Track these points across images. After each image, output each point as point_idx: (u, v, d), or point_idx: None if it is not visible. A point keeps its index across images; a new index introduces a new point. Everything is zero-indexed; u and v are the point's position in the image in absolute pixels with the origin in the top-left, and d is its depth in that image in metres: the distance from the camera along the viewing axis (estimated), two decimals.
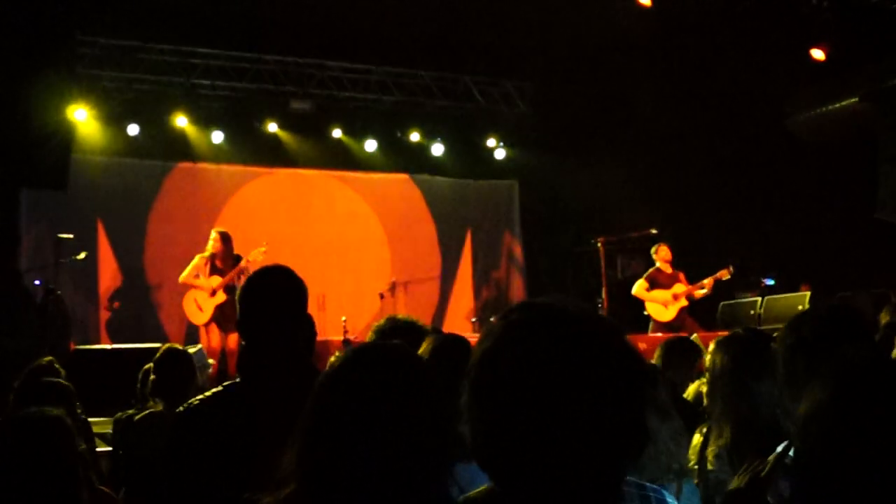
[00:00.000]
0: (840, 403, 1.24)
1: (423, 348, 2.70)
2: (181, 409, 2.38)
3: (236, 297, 2.51)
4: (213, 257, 9.35)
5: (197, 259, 9.39)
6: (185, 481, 2.26)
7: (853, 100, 9.72)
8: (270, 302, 2.44)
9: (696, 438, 3.08)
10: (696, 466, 2.95)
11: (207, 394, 2.39)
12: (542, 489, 1.15)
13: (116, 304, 11.48)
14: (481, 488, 1.60)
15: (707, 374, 3.17)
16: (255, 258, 9.23)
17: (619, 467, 1.20)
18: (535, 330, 1.19)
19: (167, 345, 4.62)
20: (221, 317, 9.18)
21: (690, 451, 2.97)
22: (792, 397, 2.60)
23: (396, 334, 3.47)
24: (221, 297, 9.15)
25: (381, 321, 3.50)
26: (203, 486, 2.20)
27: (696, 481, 2.87)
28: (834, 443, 1.22)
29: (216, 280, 9.24)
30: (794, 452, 1.33)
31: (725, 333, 3.20)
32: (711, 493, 2.82)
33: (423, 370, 1.54)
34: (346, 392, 1.46)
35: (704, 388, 4.23)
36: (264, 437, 1.88)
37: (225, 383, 2.44)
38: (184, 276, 9.37)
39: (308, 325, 2.47)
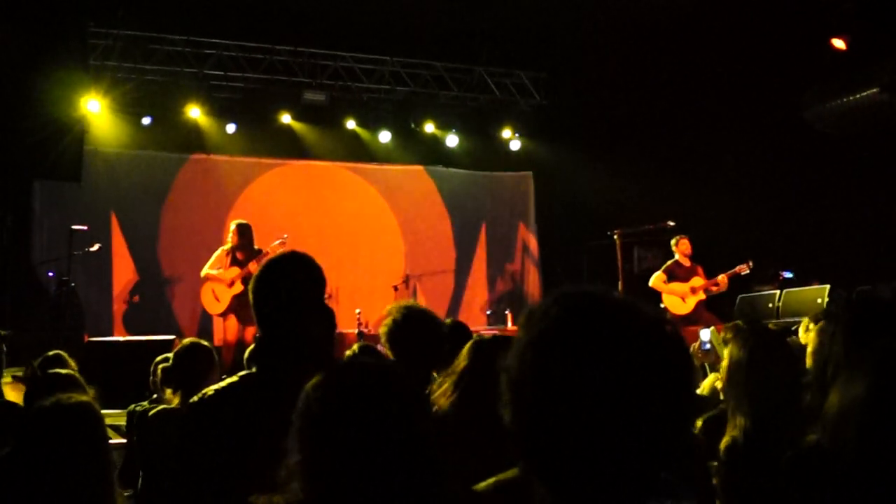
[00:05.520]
0: (880, 397, 1.22)
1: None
2: (195, 399, 2.31)
3: (250, 287, 2.41)
4: (234, 249, 9.33)
5: (219, 251, 9.39)
6: (198, 473, 2.22)
7: (873, 90, 9.57)
8: (285, 290, 2.34)
9: None
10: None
11: (223, 384, 2.32)
12: (577, 481, 1.12)
13: (130, 297, 11.48)
14: (497, 478, 1.60)
15: (723, 366, 3.11)
16: (274, 250, 9.22)
17: (658, 464, 1.14)
18: (580, 320, 1.14)
19: (189, 339, 4.56)
20: (240, 307, 9.16)
21: None
22: (822, 390, 2.54)
23: (410, 324, 3.41)
24: (239, 287, 9.13)
25: (395, 308, 3.46)
26: (215, 477, 2.16)
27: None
28: (872, 436, 1.21)
29: (234, 271, 9.22)
30: (824, 444, 1.31)
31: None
32: (721, 483, 2.79)
33: (404, 389, 1.56)
34: (332, 414, 1.51)
35: (720, 384, 4.15)
36: (279, 430, 1.83)
37: (240, 373, 2.36)
38: (205, 269, 9.38)
39: (326, 316, 2.38)
